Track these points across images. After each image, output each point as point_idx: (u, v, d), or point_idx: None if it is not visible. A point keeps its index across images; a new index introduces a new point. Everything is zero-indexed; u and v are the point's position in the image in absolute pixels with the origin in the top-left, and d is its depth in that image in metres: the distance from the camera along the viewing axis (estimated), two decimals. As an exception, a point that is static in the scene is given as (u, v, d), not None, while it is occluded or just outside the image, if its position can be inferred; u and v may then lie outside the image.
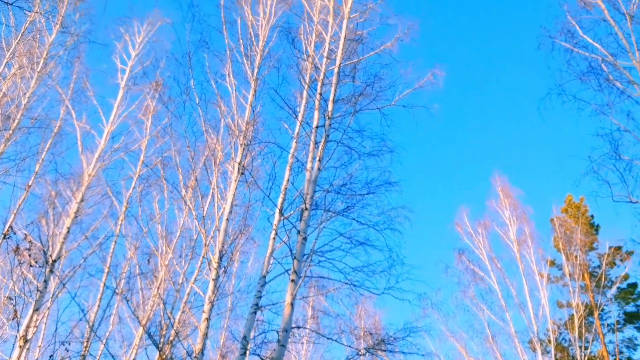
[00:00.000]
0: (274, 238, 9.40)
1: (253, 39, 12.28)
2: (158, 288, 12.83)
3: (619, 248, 22.58)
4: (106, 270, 13.86)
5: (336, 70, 10.88)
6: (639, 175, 10.11)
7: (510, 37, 54.61)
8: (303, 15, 12.37)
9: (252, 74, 11.80)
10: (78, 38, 14.81)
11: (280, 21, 12.78)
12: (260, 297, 8.96)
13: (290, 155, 10.26)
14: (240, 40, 12.12)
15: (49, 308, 12.95)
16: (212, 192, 10.94)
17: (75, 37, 14.74)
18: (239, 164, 10.51)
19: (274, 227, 9.42)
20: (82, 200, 13.18)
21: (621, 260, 23.26)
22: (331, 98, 10.48)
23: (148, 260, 13.14)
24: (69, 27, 14.62)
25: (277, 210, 9.60)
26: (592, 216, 25.41)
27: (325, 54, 11.42)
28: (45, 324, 13.09)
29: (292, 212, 9.67)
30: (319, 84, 10.74)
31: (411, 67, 11.64)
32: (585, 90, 11.26)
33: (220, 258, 9.73)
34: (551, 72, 11.88)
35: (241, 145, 10.75)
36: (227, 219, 10.14)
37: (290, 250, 8.69)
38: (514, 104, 54.34)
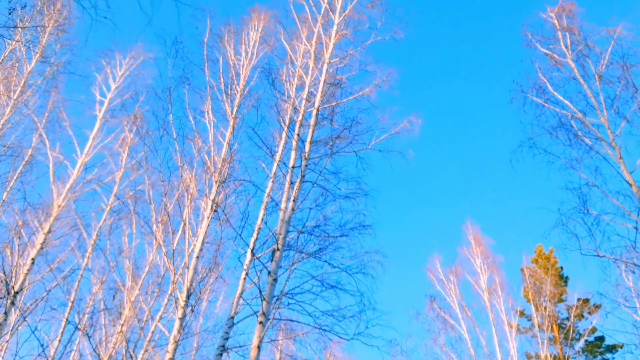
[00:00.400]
0: (244, 278, 9.27)
1: (234, 78, 12.41)
2: (122, 325, 12.48)
3: (587, 300, 22.77)
4: (70, 304, 13.47)
5: (314, 112, 11.01)
6: (606, 229, 10.32)
7: (485, 90, 56.12)
8: (286, 59, 12.60)
9: (232, 112, 11.86)
10: (58, 68, 14.78)
11: (262, 62, 13.00)
12: (227, 338, 8.78)
13: (265, 195, 10.23)
14: (222, 78, 12.24)
15: (7, 341, 12.49)
16: (184, 228, 10.80)
17: (55, 67, 14.71)
18: (213, 201, 10.43)
19: (245, 267, 9.31)
20: (49, 231, 12.89)
21: (589, 313, 23.43)
22: (309, 139, 10.57)
23: (113, 297, 12.84)
24: (49, 57, 14.60)
25: (249, 250, 9.50)
26: (561, 267, 25.66)
27: (304, 97, 11.57)
28: (3, 357, 12.60)
29: (263, 252, 9.59)
30: (297, 124, 10.84)
31: (388, 113, 11.87)
32: (556, 144, 11.58)
33: (188, 296, 9.53)
34: (523, 125, 12.12)
35: (216, 182, 10.70)
36: (197, 257, 9.98)
37: (260, 291, 8.56)
38: (487, 154, 55.43)
